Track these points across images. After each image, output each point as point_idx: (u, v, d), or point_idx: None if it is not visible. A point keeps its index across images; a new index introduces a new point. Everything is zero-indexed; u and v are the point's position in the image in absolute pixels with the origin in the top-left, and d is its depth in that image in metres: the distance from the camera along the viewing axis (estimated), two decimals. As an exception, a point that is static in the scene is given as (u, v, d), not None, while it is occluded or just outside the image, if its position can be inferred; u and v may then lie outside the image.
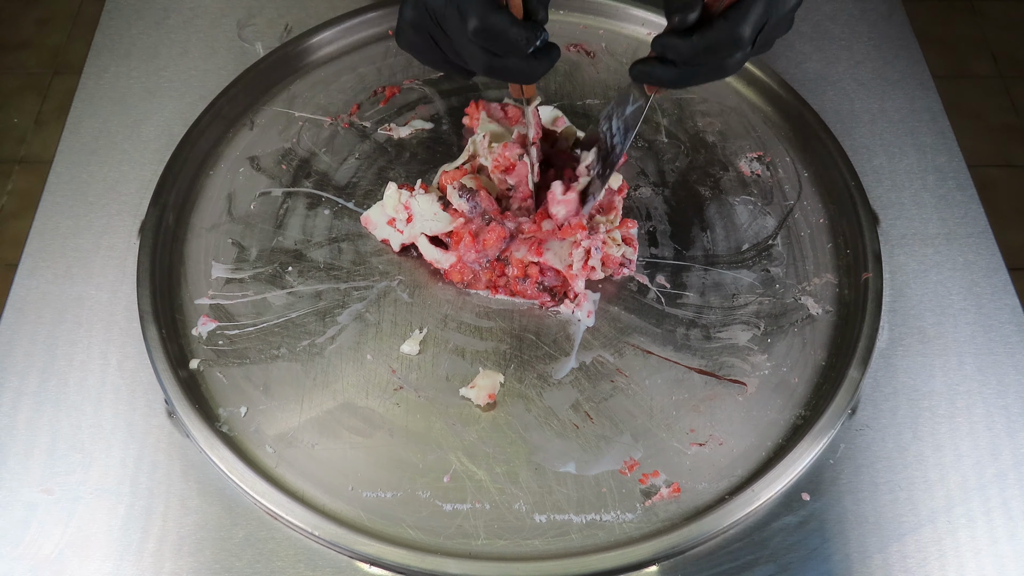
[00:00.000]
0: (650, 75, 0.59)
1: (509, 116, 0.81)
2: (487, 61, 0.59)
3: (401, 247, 0.76)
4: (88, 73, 0.89)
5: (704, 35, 0.56)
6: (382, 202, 0.75)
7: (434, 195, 0.75)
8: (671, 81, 0.60)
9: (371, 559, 0.61)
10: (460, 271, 0.74)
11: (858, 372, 0.68)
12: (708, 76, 0.59)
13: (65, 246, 0.76)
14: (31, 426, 0.67)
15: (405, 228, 0.75)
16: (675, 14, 0.56)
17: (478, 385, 0.68)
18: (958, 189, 0.82)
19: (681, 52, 0.57)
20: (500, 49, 0.57)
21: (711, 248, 0.77)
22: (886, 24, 0.95)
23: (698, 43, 0.56)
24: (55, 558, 0.62)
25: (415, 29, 0.62)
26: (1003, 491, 0.65)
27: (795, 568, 0.62)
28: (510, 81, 0.61)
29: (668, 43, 0.57)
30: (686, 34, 0.56)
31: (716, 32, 0.56)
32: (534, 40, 0.57)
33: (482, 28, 0.56)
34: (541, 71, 0.60)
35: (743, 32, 0.55)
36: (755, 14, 0.55)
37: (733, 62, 0.58)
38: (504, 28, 0.56)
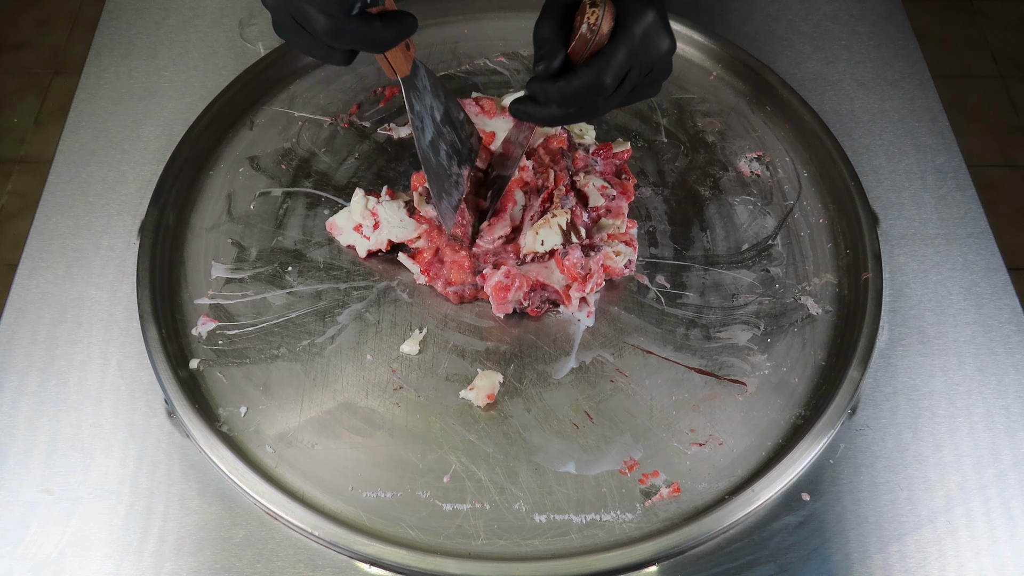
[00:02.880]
0: (526, 114, 0.63)
1: (485, 110, 0.81)
2: (323, 23, 0.56)
3: (368, 253, 0.76)
4: (88, 73, 0.89)
5: (568, 81, 0.60)
6: (348, 208, 0.75)
7: (400, 202, 0.75)
8: (545, 121, 0.63)
9: (371, 559, 0.61)
10: (451, 293, 0.73)
11: (858, 372, 0.68)
12: (578, 117, 0.63)
13: (65, 246, 0.76)
14: (31, 426, 0.67)
15: (372, 234, 0.75)
16: (539, 62, 0.60)
17: (477, 386, 0.68)
18: (958, 189, 0.82)
19: (549, 96, 0.61)
20: (324, 8, 0.55)
21: (711, 248, 0.77)
22: (886, 24, 0.95)
23: (564, 88, 0.60)
24: (55, 558, 0.62)
25: (275, 11, 0.58)
26: (1003, 491, 0.65)
27: (795, 568, 0.62)
28: (358, 48, 0.59)
29: (536, 88, 0.61)
30: (552, 80, 0.60)
31: (578, 79, 0.59)
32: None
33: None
34: (386, 36, 0.58)
35: (603, 80, 0.59)
36: (615, 64, 0.59)
37: (602, 105, 0.62)
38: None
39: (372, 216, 0.74)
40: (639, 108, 0.87)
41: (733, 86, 0.88)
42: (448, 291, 0.73)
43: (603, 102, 0.61)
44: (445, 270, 0.72)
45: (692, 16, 0.91)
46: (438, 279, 0.73)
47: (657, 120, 0.86)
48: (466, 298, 0.73)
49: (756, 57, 0.88)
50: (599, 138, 0.81)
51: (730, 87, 0.88)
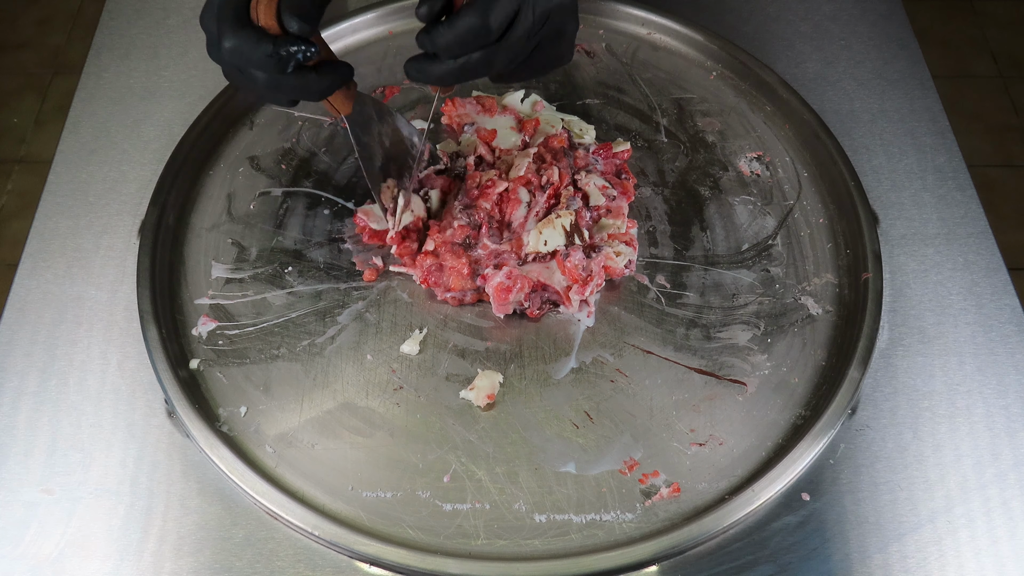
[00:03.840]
0: (419, 71, 0.59)
1: (486, 108, 0.81)
2: (263, 79, 0.57)
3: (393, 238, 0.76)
4: (88, 73, 0.89)
5: (451, 23, 0.56)
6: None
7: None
8: (439, 79, 0.59)
9: (371, 559, 0.61)
10: (450, 299, 0.73)
11: (858, 372, 0.68)
12: (472, 72, 0.59)
13: (65, 246, 0.76)
14: (31, 426, 0.67)
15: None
16: (421, 6, 0.56)
17: (477, 386, 0.68)
18: (958, 189, 0.82)
19: (435, 43, 0.57)
20: (260, 67, 0.56)
21: (711, 248, 0.77)
22: (886, 24, 0.95)
23: (445, 32, 0.56)
24: (55, 558, 0.62)
25: (216, 60, 0.59)
26: (1003, 491, 0.65)
27: (795, 568, 0.62)
28: (299, 98, 0.60)
29: (423, 37, 0.57)
30: (434, 20, 0.57)
31: (461, 18, 0.56)
32: (292, 54, 0.55)
33: (231, 49, 0.55)
34: (321, 87, 0.59)
35: (488, 20, 0.55)
36: (500, 3, 0.55)
37: (499, 56, 0.58)
38: (249, 47, 0.55)
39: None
40: (639, 108, 0.87)
41: (733, 86, 0.88)
42: (447, 296, 0.73)
43: (496, 52, 0.58)
44: (444, 277, 0.72)
45: (692, 16, 0.91)
46: (438, 286, 0.73)
47: (657, 120, 0.86)
48: (466, 303, 0.73)
49: (756, 57, 0.88)
50: (599, 138, 0.81)
51: (730, 87, 0.88)
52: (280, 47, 0.55)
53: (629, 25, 0.92)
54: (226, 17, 0.56)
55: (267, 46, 0.55)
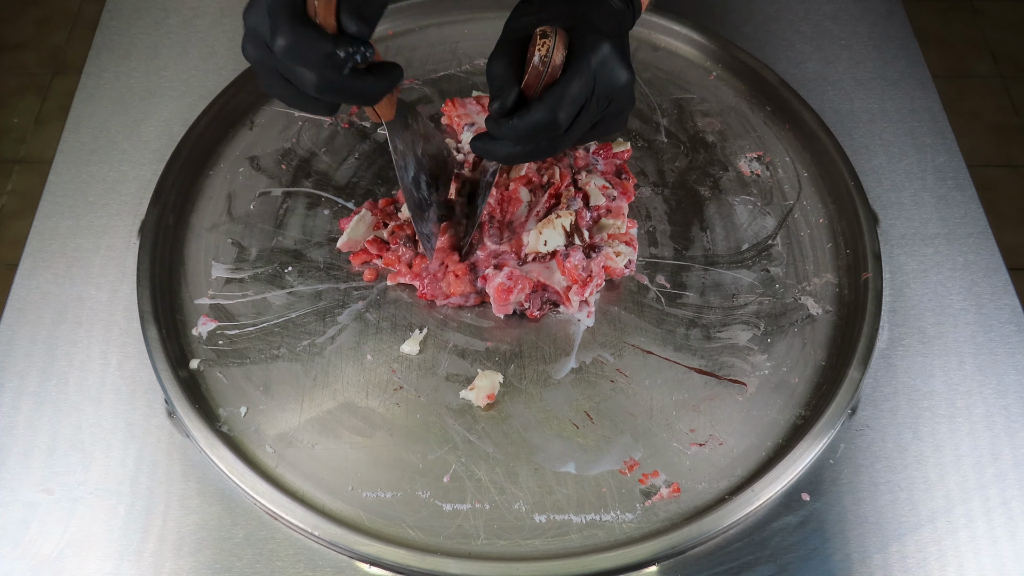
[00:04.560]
0: (485, 151, 0.61)
1: (486, 109, 0.81)
2: (314, 81, 0.55)
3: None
4: (88, 73, 0.89)
5: (522, 117, 0.58)
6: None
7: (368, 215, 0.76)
8: (504, 158, 0.61)
9: (371, 559, 0.61)
10: (451, 304, 0.73)
11: (858, 372, 0.68)
12: (540, 154, 0.61)
13: (65, 246, 0.76)
14: (31, 426, 0.67)
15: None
16: (493, 100, 0.59)
17: (477, 386, 0.68)
18: (958, 189, 0.82)
19: (505, 133, 0.59)
20: (315, 68, 0.54)
21: (711, 248, 0.77)
22: (886, 24, 0.95)
23: (518, 125, 0.58)
24: (55, 558, 0.62)
25: (260, 65, 0.57)
26: (1003, 491, 0.65)
27: (795, 568, 0.62)
28: (348, 103, 0.59)
29: (491, 125, 0.59)
30: (507, 116, 0.58)
31: (531, 115, 0.58)
32: (351, 55, 0.53)
33: (287, 46, 0.53)
34: (377, 91, 0.57)
35: (557, 115, 0.57)
36: (569, 97, 0.57)
37: (562, 141, 0.60)
38: (309, 44, 0.53)
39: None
40: (639, 108, 0.87)
41: (733, 86, 0.88)
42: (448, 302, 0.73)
43: (561, 138, 0.60)
44: (444, 285, 0.72)
45: (692, 16, 0.91)
46: (436, 296, 0.73)
47: (657, 120, 0.86)
48: (467, 305, 0.73)
49: (756, 57, 0.88)
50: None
51: (730, 87, 0.88)
52: (340, 47, 0.53)
53: (629, 25, 0.92)
54: (281, 12, 0.53)
55: (327, 45, 0.53)
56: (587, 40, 0.57)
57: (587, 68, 0.57)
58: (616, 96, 0.59)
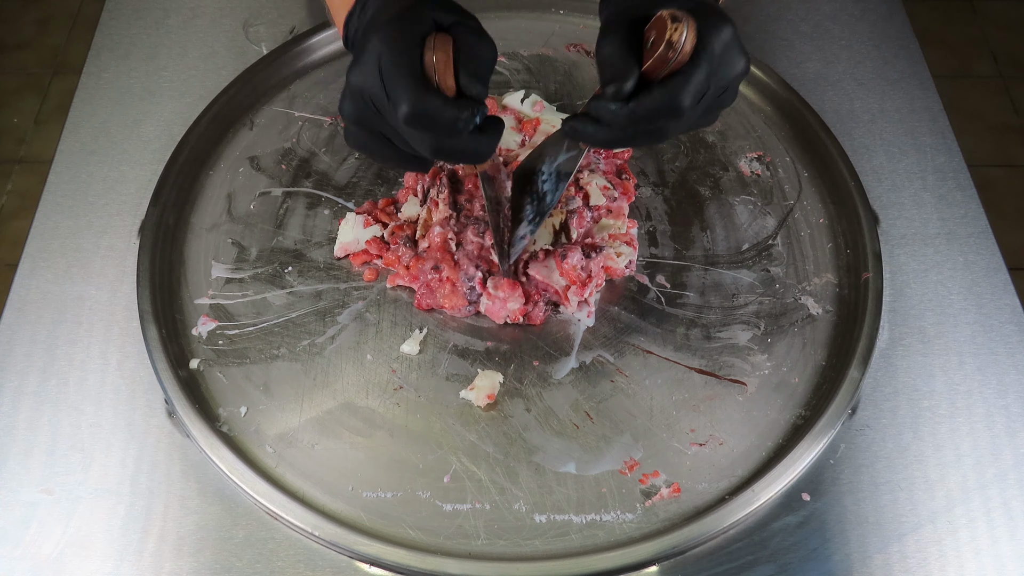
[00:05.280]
0: (582, 134, 0.57)
1: None
2: (432, 145, 0.55)
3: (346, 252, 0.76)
4: (88, 73, 0.89)
5: (641, 102, 0.54)
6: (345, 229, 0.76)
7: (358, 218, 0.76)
8: (604, 143, 0.57)
9: (371, 559, 0.61)
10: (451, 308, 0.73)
11: (858, 372, 0.68)
12: (643, 141, 0.57)
13: (65, 246, 0.76)
14: (31, 426, 0.67)
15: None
16: (610, 84, 0.54)
17: (477, 386, 0.68)
18: (958, 189, 0.82)
19: (617, 118, 0.54)
20: (437, 132, 0.54)
21: (711, 248, 0.77)
22: (886, 24, 0.95)
23: (635, 110, 0.54)
24: (55, 558, 0.62)
25: (359, 125, 0.57)
26: (1003, 491, 0.65)
27: (795, 568, 0.62)
28: (460, 163, 0.58)
29: (602, 109, 0.55)
30: (622, 100, 0.54)
31: (653, 100, 0.54)
32: (471, 119, 0.53)
33: (413, 113, 0.52)
34: (489, 149, 0.57)
35: (682, 101, 0.53)
36: (695, 83, 0.53)
37: (670, 129, 0.56)
38: (437, 111, 0.52)
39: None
40: (639, 108, 0.86)
41: (733, 86, 0.88)
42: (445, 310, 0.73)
43: (675, 126, 0.56)
44: (439, 295, 0.72)
45: (692, 16, 0.91)
46: (432, 305, 0.72)
47: (657, 120, 0.86)
48: (461, 316, 0.73)
49: (756, 57, 0.88)
50: (599, 138, 0.81)
51: (730, 87, 0.88)
52: (463, 111, 0.53)
53: (629, 25, 0.92)
54: (403, 77, 0.52)
55: (452, 111, 0.52)
56: (715, 25, 0.54)
57: (713, 55, 0.54)
58: (731, 83, 0.57)
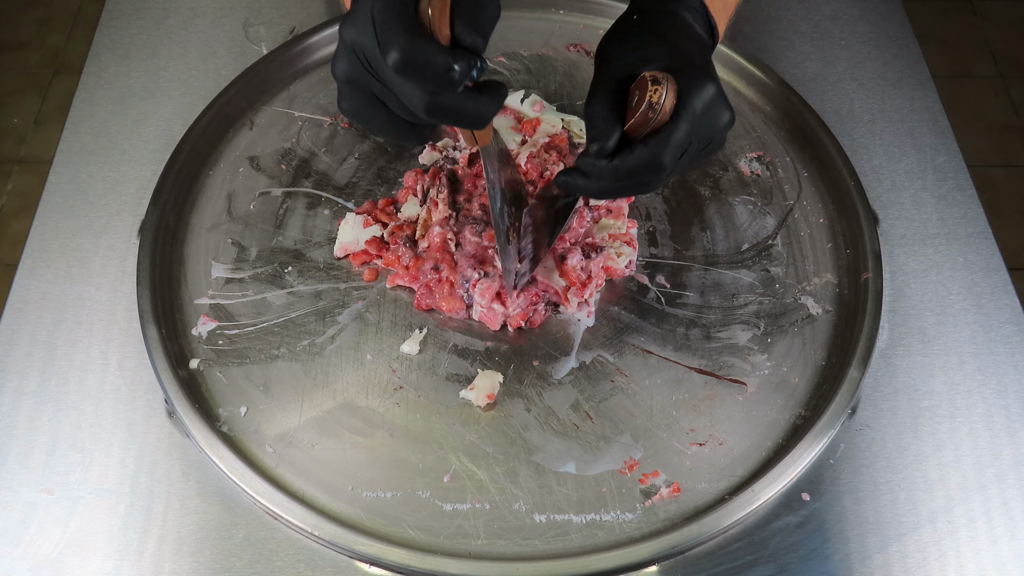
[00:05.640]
0: (574, 187, 0.60)
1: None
2: (425, 99, 0.51)
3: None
4: (88, 73, 0.89)
5: (624, 160, 0.57)
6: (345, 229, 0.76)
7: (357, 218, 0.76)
8: (593, 195, 0.61)
9: (371, 559, 0.61)
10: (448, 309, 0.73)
11: (858, 372, 0.68)
12: (631, 192, 0.60)
13: (65, 246, 0.76)
14: (31, 426, 0.67)
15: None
16: (593, 141, 0.57)
17: (477, 386, 0.68)
18: (958, 189, 0.82)
19: (602, 174, 0.57)
20: (431, 84, 0.50)
21: (711, 248, 0.77)
22: (886, 24, 0.95)
23: (619, 167, 0.57)
24: (55, 558, 0.62)
25: (352, 85, 0.55)
26: (1003, 491, 0.65)
27: (795, 568, 0.62)
28: (456, 125, 0.56)
29: (588, 164, 0.58)
30: (608, 158, 0.57)
31: (636, 158, 0.56)
32: (466, 71, 0.49)
33: (403, 59, 0.49)
34: (489, 111, 0.53)
35: (663, 159, 0.56)
36: (675, 142, 0.56)
37: (655, 182, 0.59)
38: (428, 57, 0.49)
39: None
40: (639, 108, 0.86)
41: (733, 86, 0.88)
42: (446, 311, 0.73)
43: (660, 180, 0.59)
44: (438, 297, 0.72)
45: (692, 16, 0.91)
46: (432, 305, 0.72)
47: (657, 120, 0.86)
48: (459, 318, 0.73)
49: (756, 57, 0.88)
50: (599, 138, 0.81)
51: (730, 87, 0.88)
52: (458, 60, 0.49)
53: (629, 25, 0.92)
54: (394, 22, 0.49)
55: (445, 59, 0.49)
56: (695, 84, 0.56)
57: (695, 114, 0.56)
58: (716, 136, 0.59)
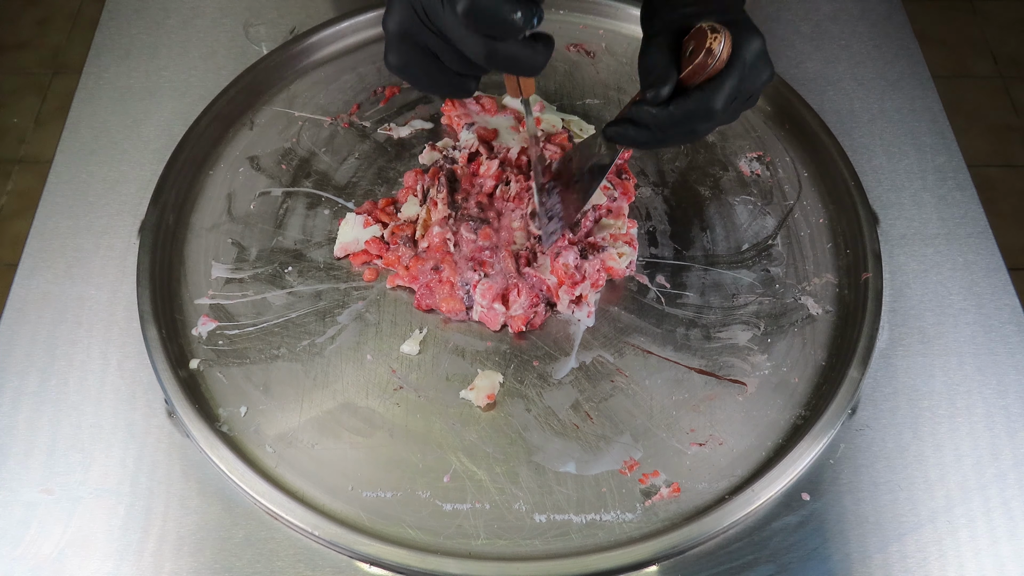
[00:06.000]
0: (624, 137, 0.62)
1: (485, 108, 0.81)
2: (486, 47, 0.55)
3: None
4: (88, 73, 0.89)
5: (680, 105, 0.59)
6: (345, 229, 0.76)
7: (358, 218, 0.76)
8: (643, 144, 0.63)
9: (371, 559, 0.61)
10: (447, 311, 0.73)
11: (858, 372, 0.68)
12: (678, 141, 0.63)
13: (65, 246, 0.76)
14: (31, 426, 0.67)
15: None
16: (650, 88, 0.60)
17: (477, 386, 0.68)
18: (958, 189, 0.82)
19: (658, 121, 0.60)
20: (495, 30, 0.53)
21: (711, 248, 0.77)
22: (886, 24, 0.95)
23: (675, 113, 0.60)
24: (55, 558, 0.62)
25: (403, 39, 0.58)
26: (1003, 491, 0.65)
27: (795, 568, 0.62)
28: (512, 71, 0.58)
29: (644, 112, 0.60)
30: (662, 104, 0.60)
31: (692, 103, 0.59)
32: (531, 17, 0.53)
33: (470, 8, 0.52)
34: (542, 60, 0.57)
35: (715, 105, 0.59)
36: (728, 88, 0.59)
37: (703, 129, 0.62)
38: (494, 5, 0.52)
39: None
40: (639, 108, 0.87)
41: (733, 86, 0.88)
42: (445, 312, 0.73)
43: (705, 127, 0.62)
44: (438, 298, 0.72)
45: (692, 16, 0.91)
46: (432, 305, 0.72)
47: (657, 120, 0.86)
48: (459, 320, 0.73)
49: (756, 57, 0.88)
50: (599, 138, 0.81)
51: (730, 87, 0.88)
52: (523, 8, 0.52)
53: (629, 25, 0.92)
54: None
55: (512, 6, 0.52)
56: (747, 37, 0.60)
57: (745, 64, 0.60)
58: (756, 91, 0.63)
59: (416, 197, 0.76)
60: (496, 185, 0.76)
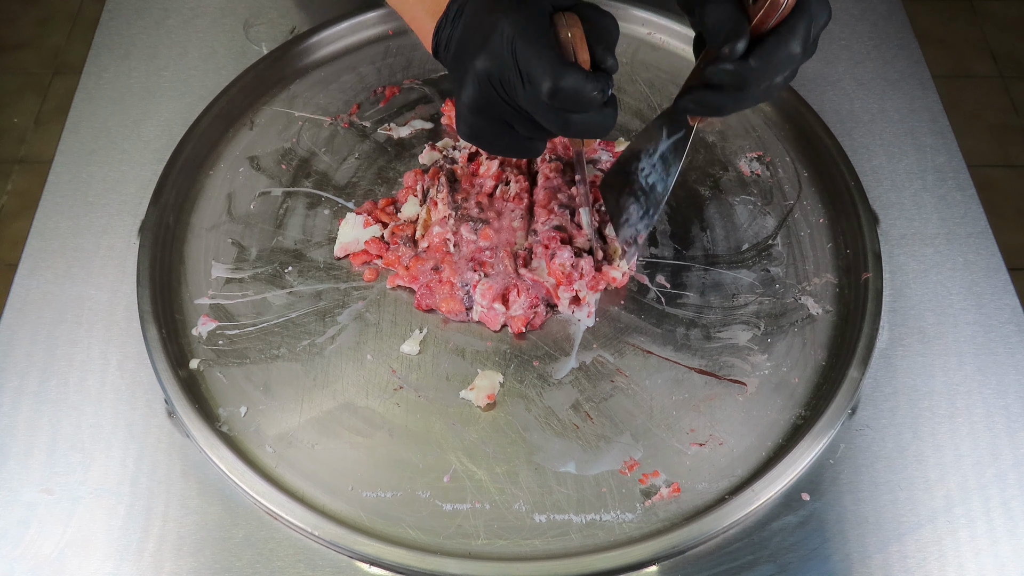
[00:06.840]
0: (704, 104, 0.59)
1: None
2: (562, 119, 0.57)
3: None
4: (88, 73, 0.89)
5: (759, 56, 0.55)
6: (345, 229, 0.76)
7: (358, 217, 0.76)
8: (724, 107, 0.59)
9: (371, 559, 0.61)
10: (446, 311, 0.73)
11: (858, 372, 0.68)
12: (757, 99, 0.59)
13: (65, 246, 0.76)
14: (31, 426, 0.67)
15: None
16: (725, 44, 0.55)
17: (477, 386, 0.68)
18: (958, 189, 0.82)
19: (739, 78, 0.56)
20: (576, 107, 0.56)
21: (711, 248, 0.77)
22: (886, 24, 0.95)
23: (755, 66, 0.55)
24: (55, 558, 0.62)
25: (480, 113, 0.59)
26: (1003, 491, 0.65)
27: (795, 568, 0.62)
28: (584, 137, 0.60)
29: (721, 71, 0.56)
30: (739, 59, 0.55)
31: (771, 50, 0.55)
32: (607, 91, 0.56)
33: (556, 88, 0.54)
34: (611, 124, 0.58)
35: (795, 48, 0.55)
36: (802, 28, 0.55)
37: (780, 81, 0.58)
38: (579, 85, 0.54)
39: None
40: (639, 108, 0.87)
41: (733, 86, 0.88)
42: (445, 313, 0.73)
43: (781, 80, 0.58)
44: (438, 298, 0.72)
45: (692, 16, 0.91)
46: (432, 306, 0.72)
47: (657, 120, 0.86)
48: (459, 320, 0.73)
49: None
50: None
51: (730, 87, 0.88)
52: (602, 83, 0.55)
53: (629, 25, 0.92)
54: (539, 55, 0.55)
55: (594, 83, 0.55)
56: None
57: (811, 3, 0.55)
58: (818, 33, 0.58)
59: (416, 197, 0.76)
60: (496, 185, 0.76)
